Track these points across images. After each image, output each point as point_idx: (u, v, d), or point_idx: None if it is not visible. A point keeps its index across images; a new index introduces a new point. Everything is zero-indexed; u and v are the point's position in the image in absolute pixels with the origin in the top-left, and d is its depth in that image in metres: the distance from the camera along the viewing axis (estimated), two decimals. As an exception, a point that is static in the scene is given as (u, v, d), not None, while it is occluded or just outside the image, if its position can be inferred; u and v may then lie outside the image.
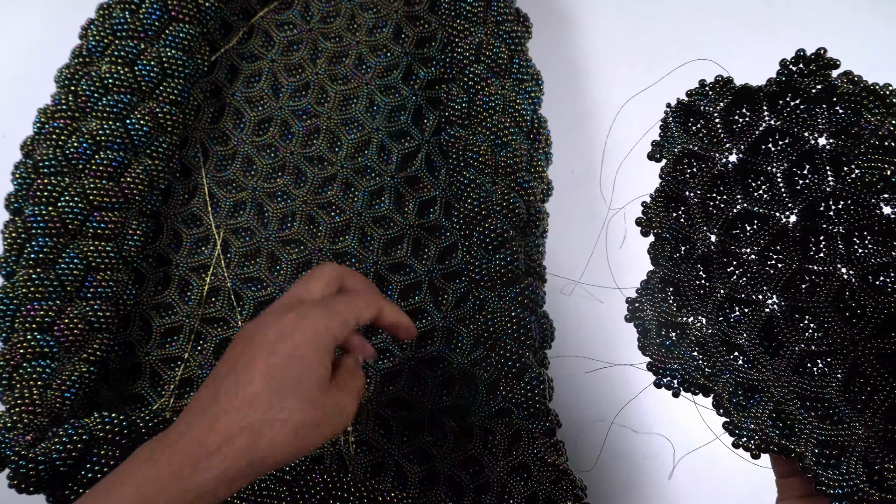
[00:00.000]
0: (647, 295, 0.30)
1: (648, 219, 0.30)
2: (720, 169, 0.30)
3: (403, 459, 0.40)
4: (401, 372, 0.42)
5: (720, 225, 0.30)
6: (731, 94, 0.30)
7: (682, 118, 0.31)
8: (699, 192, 0.30)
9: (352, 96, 0.46)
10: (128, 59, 0.41)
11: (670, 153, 0.31)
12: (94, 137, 0.39)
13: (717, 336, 0.29)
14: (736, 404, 0.27)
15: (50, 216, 0.38)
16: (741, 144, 0.30)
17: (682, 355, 0.29)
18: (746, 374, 0.28)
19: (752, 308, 0.29)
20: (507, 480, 0.37)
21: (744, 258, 0.30)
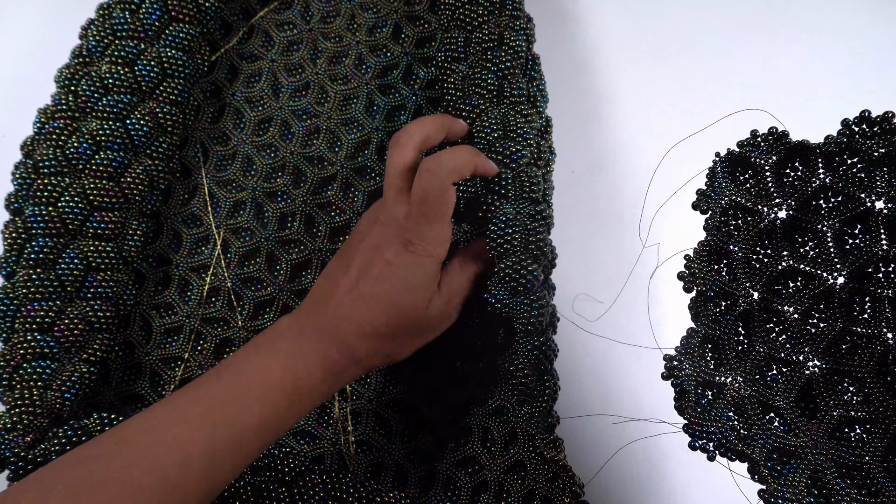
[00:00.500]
0: (686, 353, 0.29)
1: (691, 273, 0.30)
2: (768, 224, 0.29)
3: (404, 459, 0.40)
4: (401, 373, 0.42)
5: (763, 281, 0.29)
6: (785, 148, 0.29)
7: (731, 168, 0.30)
8: (744, 247, 0.30)
9: (352, 96, 0.46)
10: (128, 60, 0.41)
11: (716, 205, 0.30)
12: (95, 137, 0.39)
13: (755, 397, 0.28)
14: (772, 470, 0.27)
15: (50, 216, 0.38)
16: (791, 200, 0.29)
17: (718, 417, 0.28)
18: (783, 439, 0.28)
19: (792, 369, 0.29)
20: (504, 479, 0.37)
21: (786, 317, 0.29)
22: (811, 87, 0.53)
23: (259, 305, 0.43)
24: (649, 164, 0.49)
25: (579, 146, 0.52)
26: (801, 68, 0.53)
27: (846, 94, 0.52)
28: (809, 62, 0.53)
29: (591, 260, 0.49)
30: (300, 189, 0.44)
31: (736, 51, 0.54)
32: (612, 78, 0.55)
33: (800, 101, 0.52)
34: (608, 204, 0.50)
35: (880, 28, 0.54)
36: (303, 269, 0.44)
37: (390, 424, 0.41)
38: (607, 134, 0.53)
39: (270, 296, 0.43)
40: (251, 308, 0.43)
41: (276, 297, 0.43)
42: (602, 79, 0.55)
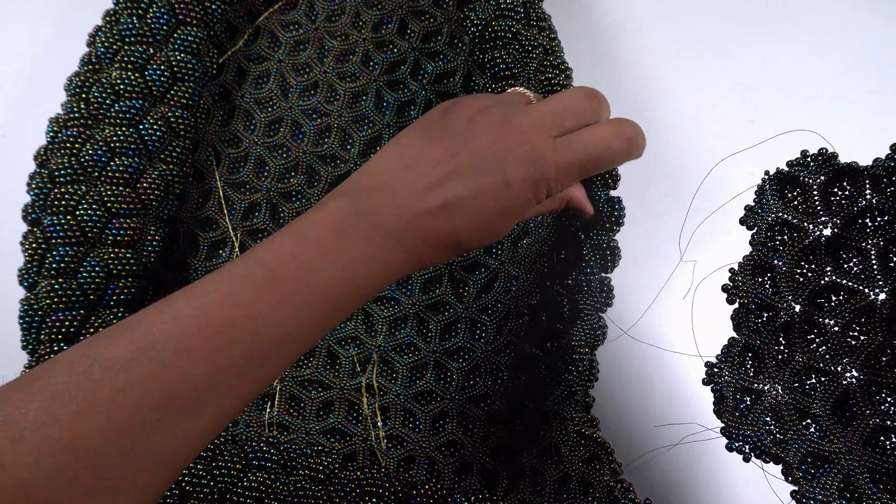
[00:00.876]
0: (726, 361, 0.30)
1: (735, 286, 0.31)
2: (812, 240, 0.30)
3: (434, 451, 0.40)
4: (427, 365, 0.42)
5: (806, 295, 0.30)
6: (833, 169, 0.30)
7: (780, 186, 0.31)
8: (788, 261, 0.30)
9: (361, 93, 0.46)
10: (138, 65, 0.40)
11: (763, 221, 0.31)
12: (109, 144, 0.39)
13: (792, 404, 0.29)
14: (805, 472, 0.28)
15: (69, 225, 0.37)
16: (837, 219, 0.30)
17: (755, 421, 0.29)
18: (818, 444, 0.29)
19: (830, 378, 0.29)
20: (538, 464, 0.37)
21: (826, 329, 0.30)
22: (811, 87, 0.53)
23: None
24: (651, 163, 0.50)
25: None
26: (800, 68, 0.54)
27: (846, 94, 0.53)
28: (809, 62, 0.54)
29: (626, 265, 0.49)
30: (314, 188, 0.44)
31: (736, 51, 0.54)
32: (612, 76, 0.55)
33: (800, 101, 0.53)
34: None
35: (880, 28, 0.54)
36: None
37: (419, 417, 0.41)
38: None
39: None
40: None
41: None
42: (603, 77, 0.55)
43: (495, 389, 0.41)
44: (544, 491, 0.36)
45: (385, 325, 0.43)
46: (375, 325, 0.43)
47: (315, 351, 0.42)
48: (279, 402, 0.40)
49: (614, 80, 0.55)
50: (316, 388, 0.42)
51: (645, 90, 0.54)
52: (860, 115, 0.52)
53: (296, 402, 0.41)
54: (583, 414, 0.35)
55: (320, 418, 0.41)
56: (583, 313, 0.34)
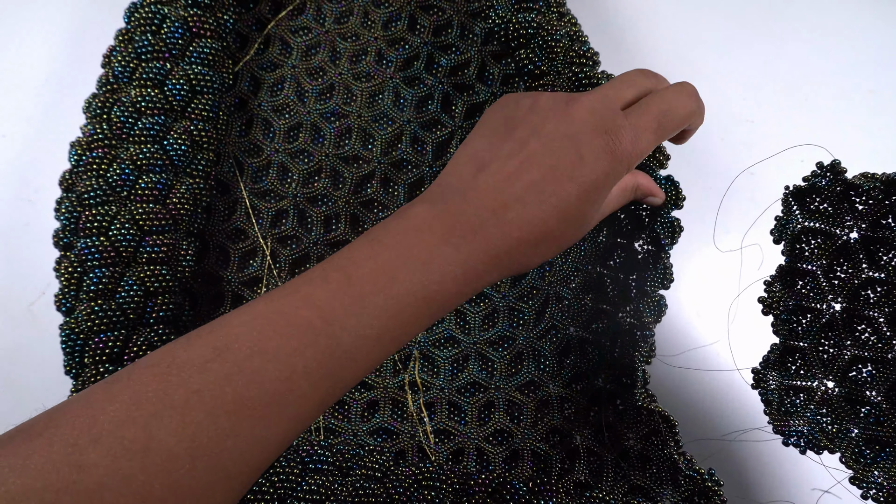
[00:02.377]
0: (770, 365, 0.31)
1: (770, 297, 0.32)
2: (843, 243, 0.31)
3: (483, 442, 0.40)
4: (468, 356, 0.42)
5: (846, 293, 0.31)
6: (844, 184, 0.31)
7: (801, 198, 0.32)
8: (823, 264, 0.32)
9: (377, 92, 0.46)
10: (156, 81, 0.40)
11: (790, 233, 0.32)
12: (135, 162, 0.39)
13: (843, 395, 0.31)
14: (864, 458, 0.29)
15: (103, 246, 0.37)
16: (863, 222, 0.31)
17: (808, 417, 0.30)
18: (874, 430, 0.30)
19: (883, 366, 0.30)
20: (593, 444, 0.37)
21: (873, 321, 0.31)
22: (811, 87, 0.53)
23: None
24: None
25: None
26: (801, 68, 0.54)
27: (846, 94, 0.53)
28: (809, 62, 0.54)
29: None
30: (340, 190, 0.44)
31: (736, 51, 0.54)
32: (610, 71, 0.55)
33: (800, 101, 0.52)
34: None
35: (880, 28, 0.54)
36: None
37: (465, 410, 0.41)
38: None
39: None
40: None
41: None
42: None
43: (541, 375, 0.40)
44: (602, 470, 0.36)
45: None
46: (413, 322, 0.43)
47: (355, 352, 0.42)
48: (326, 405, 0.40)
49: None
50: (359, 390, 0.42)
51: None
52: (860, 115, 0.52)
53: (340, 405, 0.41)
54: (642, 389, 0.35)
55: (366, 419, 0.41)
56: (649, 289, 0.34)
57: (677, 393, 0.45)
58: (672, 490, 0.35)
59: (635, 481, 0.36)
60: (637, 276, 0.37)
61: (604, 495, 0.35)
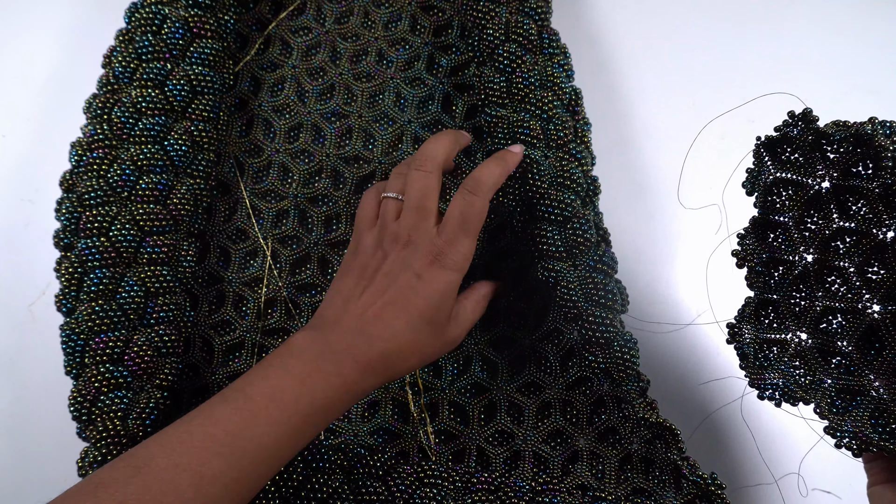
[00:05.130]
0: (745, 319, 0.31)
1: (744, 250, 0.32)
2: (814, 193, 0.31)
3: (485, 443, 0.40)
4: (471, 358, 0.42)
5: (817, 243, 0.32)
6: (817, 131, 0.31)
7: (773, 149, 0.32)
8: (794, 216, 0.32)
9: (378, 92, 0.46)
10: (157, 81, 0.40)
11: (762, 184, 0.32)
12: (136, 163, 0.39)
13: (815, 347, 0.31)
14: (836, 408, 0.29)
15: (104, 247, 0.37)
16: (834, 171, 0.31)
17: (781, 369, 0.30)
18: (847, 379, 0.30)
19: (854, 316, 0.31)
20: (597, 447, 0.37)
21: (844, 271, 0.31)
22: (811, 87, 0.53)
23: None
24: (650, 162, 0.51)
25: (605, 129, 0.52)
26: (801, 68, 0.54)
27: (846, 94, 0.53)
28: (809, 62, 0.54)
29: (632, 234, 0.49)
30: (341, 190, 0.44)
31: (736, 51, 0.54)
32: (612, 76, 0.55)
33: (800, 101, 0.53)
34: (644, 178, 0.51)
35: (880, 28, 0.54)
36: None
37: (466, 411, 0.41)
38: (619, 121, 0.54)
39: (328, 299, 0.43)
40: (310, 314, 0.43)
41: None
42: (600, 77, 0.55)
43: (544, 377, 0.40)
44: (604, 473, 0.36)
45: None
46: (414, 322, 0.43)
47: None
48: (327, 406, 0.40)
49: (613, 79, 0.55)
50: (361, 390, 0.41)
51: (644, 90, 0.53)
52: (860, 115, 0.52)
53: (342, 405, 0.41)
54: (641, 399, 0.35)
55: (366, 419, 0.41)
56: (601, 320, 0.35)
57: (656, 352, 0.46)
58: (675, 493, 0.35)
59: (639, 484, 0.36)
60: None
61: (606, 496, 0.35)
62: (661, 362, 0.45)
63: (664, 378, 0.45)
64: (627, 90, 0.54)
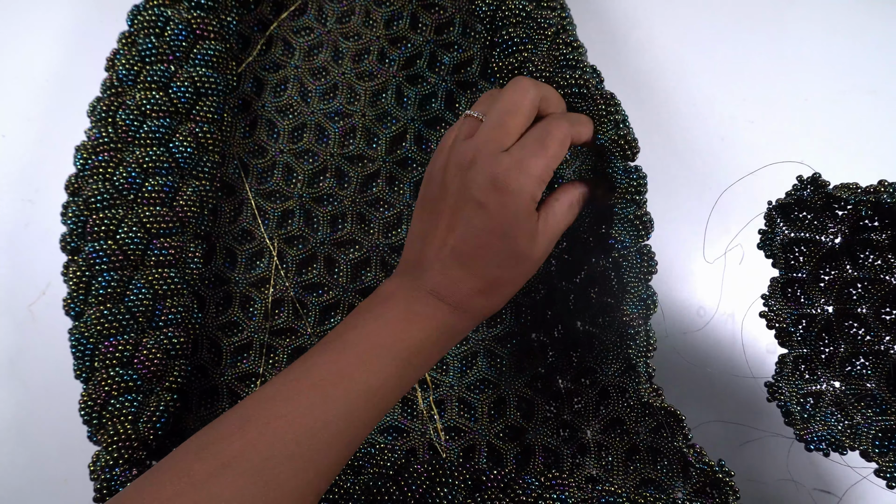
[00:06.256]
0: (781, 376, 0.33)
1: (771, 311, 0.33)
2: (828, 249, 0.33)
3: (495, 438, 0.40)
4: (476, 353, 0.42)
5: (835, 294, 0.33)
6: (826, 196, 0.32)
7: (785, 211, 0.34)
8: (811, 270, 0.34)
9: (381, 91, 0.46)
10: (161, 83, 0.40)
11: (777, 245, 0.34)
12: (142, 165, 0.39)
13: (850, 392, 0.33)
14: (881, 450, 0.30)
15: (111, 250, 0.37)
16: (844, 227, 0.33)
17: (823, 419, 0.32)
18: (883, 420, 0.31)
19: (877, 356, 0.32)
20: (603, 438, 0.37)
21: (862, 315, 0.33)
22: (811, 87, 0.53)
23: (325, 310, 0.43)
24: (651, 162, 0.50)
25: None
26: (801, 68, 0.54)
27: (846, 94, 0.53)
28: (809, 62, 0.54)
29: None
30: (346, 189, 0.44)
31: (736, 51, 0.54)
32: (611, 76, 0.55)
33: (800, 101, 0.52)
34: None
35: (880, 28, 0.54)
36: (362, 267, 0.44)
37: (475, 407, 0.41)
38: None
39: (335, 299, 0.43)
40: (317, 314, 0.43)
41: (340, 300, 0.43)
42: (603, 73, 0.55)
43: (549, 369, 0.41)
44: (612, 465, 0.37)
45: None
46: (421, 320, 0.43)
47: (365, 351, 0.42)
48: (336, 405, 0.40)
49: (613, 79, 0.55)
50: (370, 388, 0.42)
51: (644, 90, 0.53)
52: (860, 115, 0.52)
53: (352, 404, 0.41)
54: (647, 384, 0.35)
55: (377, 417, 0.41)
56: (629, 285, 0.34)
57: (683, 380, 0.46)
58: (683, 482, 0.35)
59: (646, 474, 0.36)
60: (623, 271, 0.37)
61: (615, 489, 0.35)
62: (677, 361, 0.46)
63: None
64: (627, 90, 0.54)
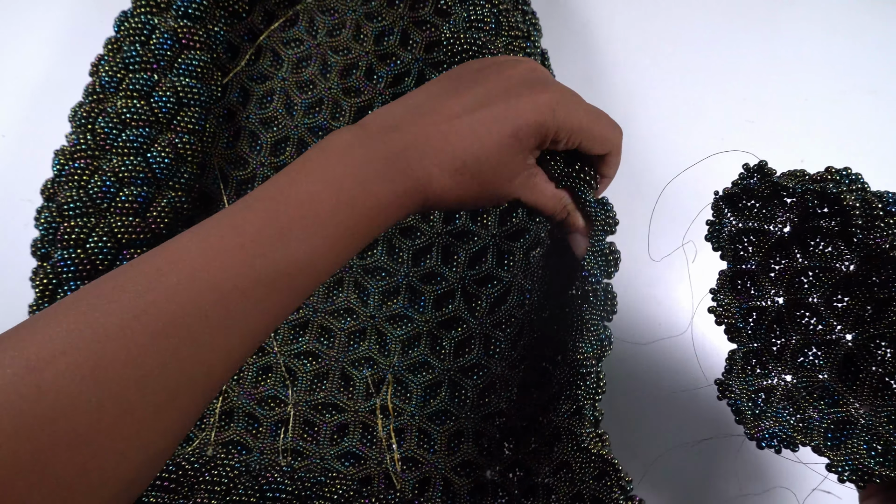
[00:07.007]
0: (732, 374, 0.32)
1: (720, 306, 0.32)
2: (777, 237, 0.32)
3: (450, 472, 0.39)
4: (441, 383, 0.41)
5: (785, 284, 0.32)
6: (771, 184, 0.31)
7: (733, 201, 0.32)
8: (760, 261, 0.32)
9: (366, 108, 0.45)
10: (143, 92, 0.40)
11: (725, 236, 0.32)
12: (117, 174, 0.39)
13: (801, 385, 0.31)
14: (833, 442, 0.29)
15: (80, 258, 0.38)
16: (793, 215, 0.31)
17: (774, 416, 0.31)
18: (835, 412, 0.30)
19: (829, 347, 0.31)
20: (552, 482, 0.37)
21: (813, 304, 0.32)
22: (811, 87, 0.52)
23: (295, 327, 0.43)
24: (650, 162, 0.49)
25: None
26: (801, 68, 0.53)
27: (846, 94, 0.52)
28: (809, 62, 0.53)
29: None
30: (323, 207, 0.44)
31: (736, 50, 0.54)
32: (611, 76, 0.54)
33: (800, 101, 0.52)
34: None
35: (880, 28, 0.54)
36: (335, 287, 0.43)
37: (434, 438, 0.40)
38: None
39: (305, 318, 0.43)
40: (284, 331, 0.42)
41: (310, 319, 0.43)
42: (601, 77, 0.54)
43: (509, 406, 0.40)
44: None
45: (398, 345, 0.42)
46: (389, 345, 0.43)
47: (329, 373, 0.42)
48: (293, 427, 0.40)
49: (613, 79, 0.54)
50: (330, 412, 0.41)
51: (645, 90, 0.53)
52: (860, 115, 0.52)
53: (310, 427, 0.41)
54: (591, 430, 0.34)
55: (335, 442, 0.41)
56: (588, 324, 0.33)
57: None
58: None
59: None
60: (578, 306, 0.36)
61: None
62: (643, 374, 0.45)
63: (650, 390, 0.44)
64: (627, 91, 0.53)
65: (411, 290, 0.43)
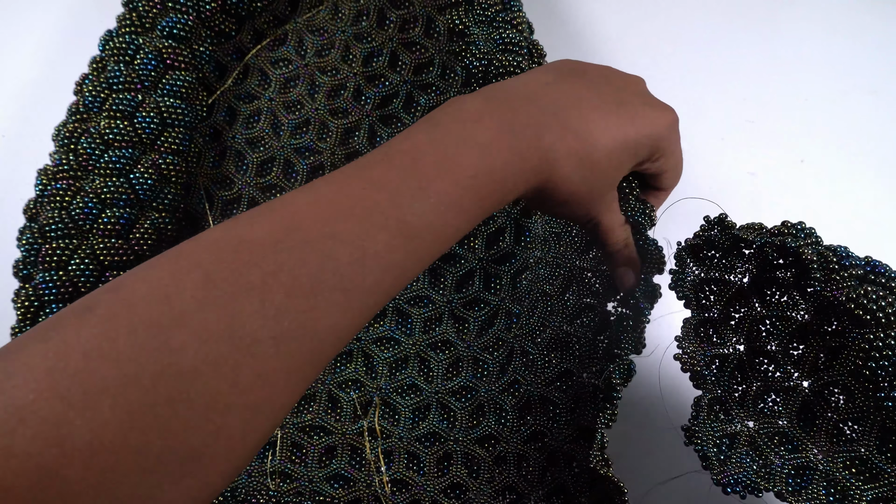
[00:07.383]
0: (698, 421, 0.32)
1: (685, 353, 0.33)
2: (737, 287, 0.33)
3: (439, 495, 0.39)
4: (430, 406, 0.41)
5: (745, 332, 0.33)
6: (732, 237, 0.32)
7: (694, 251, 0.33)
8: (722, 309, 0.33)
9: (353, 129, 0.46)
10: (126, 112, 0.40)
11: (688, 286, 0.33)
12: (99, 196, 0.38)
13: (763, 431, 0.32)
14: (794, 487, 0.30)
15: (61, 281, 0.37)
16: (751, 266, 0.33)
17: (739, 461, 0.31)
18: (795, 457, 0.31)
19: (787, 393, 0.32)
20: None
21: (771, 352, 0.33)
22: (811, 87, 0.53)
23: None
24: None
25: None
26: (801, 68, 0.53)
27: (846, 94, 0.53)
28: (809, 62, 0.53)
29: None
30: (310, 228, 0.44)
31: (736, 51, 0.54)
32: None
33: (800, 101, 0.52)
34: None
35: (880, 28, 0.54)
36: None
37: (423, 460, 0.40)
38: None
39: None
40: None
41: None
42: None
43: (500, 430, 0.40)
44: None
45: (386, 367, 0.42)
46: (376, 367, 0.42)
47: (316, 395, 0.42)
48: (280, 449, 0.40)
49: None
50: (318, 434, 0.41)
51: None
52: (860, 115, 0.52)
53: (298, 450, 0.41)
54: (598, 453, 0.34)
55: (323, 465, 0.40)
56: (620, 352, 0.34)
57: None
58: None
59: None
60: (607, 337, 0.36)
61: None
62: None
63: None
64: None
65: (399, 313, 0.43)
